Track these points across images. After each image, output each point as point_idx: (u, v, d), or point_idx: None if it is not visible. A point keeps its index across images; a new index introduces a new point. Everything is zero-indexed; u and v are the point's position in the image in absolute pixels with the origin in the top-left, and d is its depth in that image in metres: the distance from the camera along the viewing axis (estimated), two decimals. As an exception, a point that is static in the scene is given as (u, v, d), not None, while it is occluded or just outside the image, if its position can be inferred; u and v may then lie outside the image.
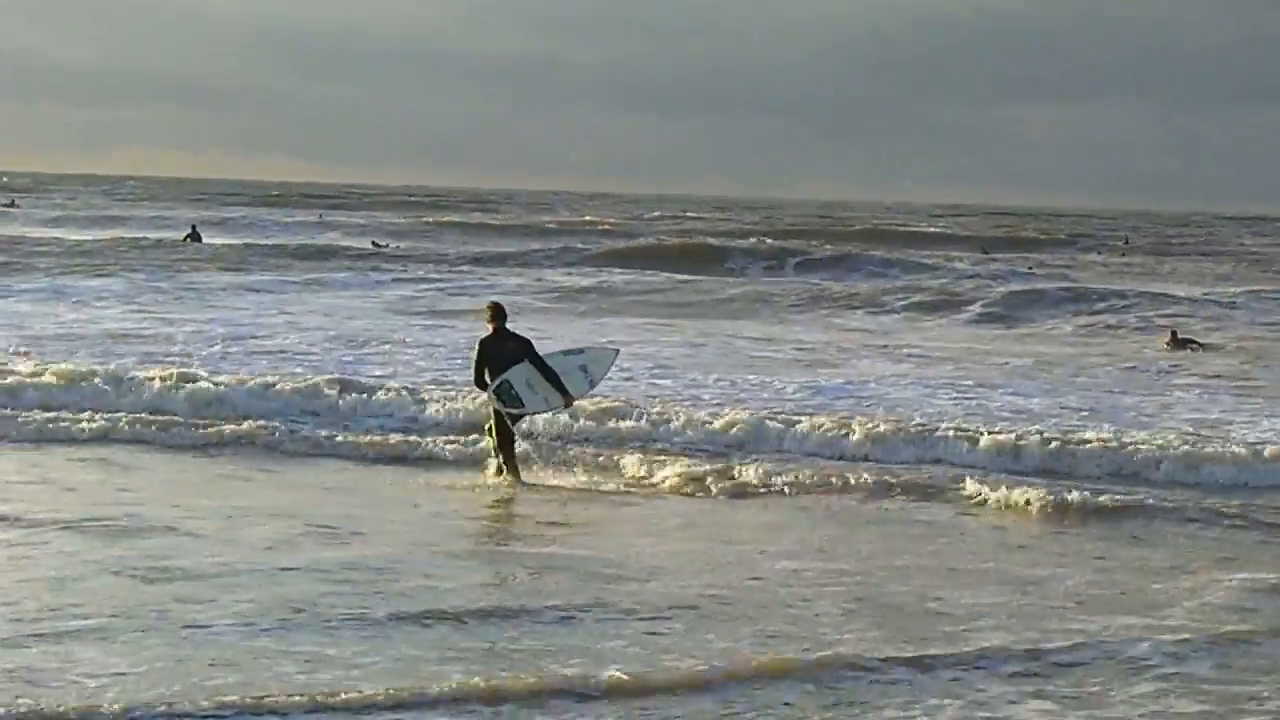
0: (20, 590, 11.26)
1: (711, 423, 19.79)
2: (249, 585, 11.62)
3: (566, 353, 18.47)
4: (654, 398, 21.99)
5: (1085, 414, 21.94)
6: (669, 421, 19.81)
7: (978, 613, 11.55)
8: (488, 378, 17.05)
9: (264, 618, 10.64)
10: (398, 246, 61.07)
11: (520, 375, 17.07)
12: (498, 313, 17.43)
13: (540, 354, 17.35)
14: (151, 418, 19.48)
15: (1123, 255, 73.46)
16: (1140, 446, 18.57)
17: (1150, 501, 15.98)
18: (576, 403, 17.99)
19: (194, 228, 62.26)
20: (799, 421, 19.78)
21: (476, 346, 17.41)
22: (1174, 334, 34.44)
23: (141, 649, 9.90)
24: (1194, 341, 33.67)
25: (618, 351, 19.50)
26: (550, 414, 17.90)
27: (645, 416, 19.95)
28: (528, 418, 17.54)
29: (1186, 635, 11.04)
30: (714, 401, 21.95)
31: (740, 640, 10.63)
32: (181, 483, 16.55)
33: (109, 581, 11.64)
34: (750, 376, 24.98)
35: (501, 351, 17.16)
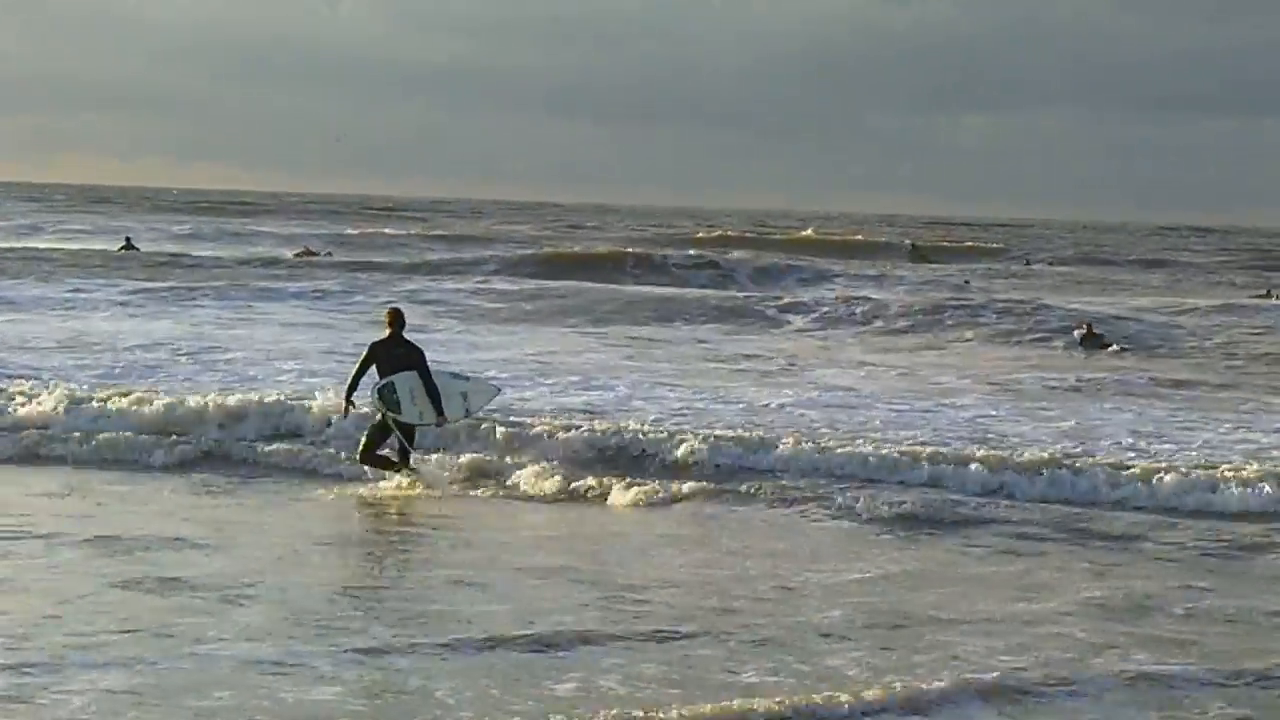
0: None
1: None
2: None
3: (454, 376, 18.90)
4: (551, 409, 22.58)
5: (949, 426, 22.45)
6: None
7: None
8: (376, 378, 17.51)
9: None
10: (329, 253, 61.68)
11: (406, 383, 17.53)
12: (397, 318, 17.89)
13: (430, 369, 17.77)
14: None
15: (1027, 264, 74.51)
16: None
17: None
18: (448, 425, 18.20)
19: (129, 238, 62.58)
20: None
21: (366, 347, 17.97)
22: (1089, 326, 35.83)
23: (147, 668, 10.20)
24: (1106, 340, 35.11)
25: (499, 390, 19.79)
26: (420, 427, 17.91)
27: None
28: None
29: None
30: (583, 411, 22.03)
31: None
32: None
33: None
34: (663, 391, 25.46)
35: (392, 356, 17.62)
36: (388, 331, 17.88)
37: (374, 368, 17.68)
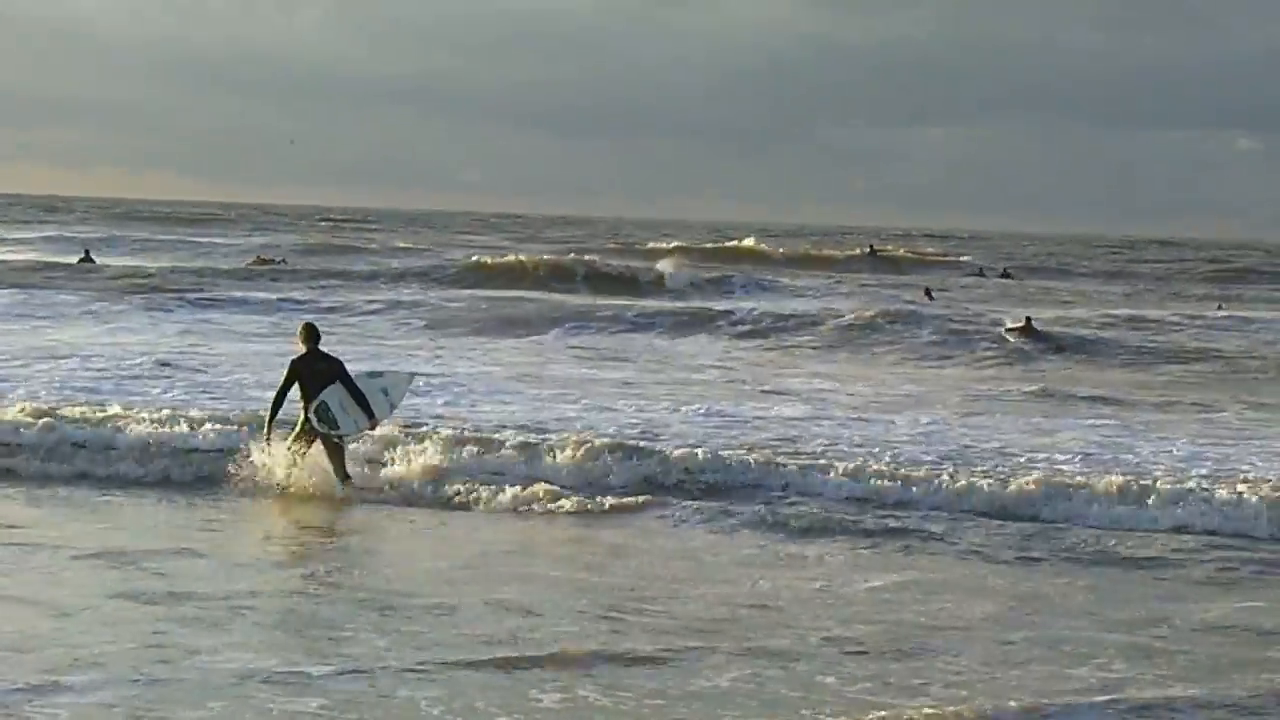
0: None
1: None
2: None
3: (370, 375, 18.87)
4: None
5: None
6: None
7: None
8: (301, 398, 17.64)
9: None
10: (283, 261, 61.82)
11: (335, 397, 17.70)
12: (310, 334, 18.11)
13: (350, 375, 17.96)
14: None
15: (980, 274, 75.07)
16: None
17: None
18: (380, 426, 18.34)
19: (87, 251, 62.40)
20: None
21: (287, 366, 18.01)
22: (1028, 320, 36.60)
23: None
24: (1044, 334, 35.91)
25: (413, 376, 20.15)
26: (359, 434, 18.09)
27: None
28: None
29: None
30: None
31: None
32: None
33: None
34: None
35: (314, 371, 17.78)
36: (304, 348, 18.02)
37: (296, 386, 17.79)
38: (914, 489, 18.04)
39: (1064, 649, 11.87)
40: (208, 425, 19.95)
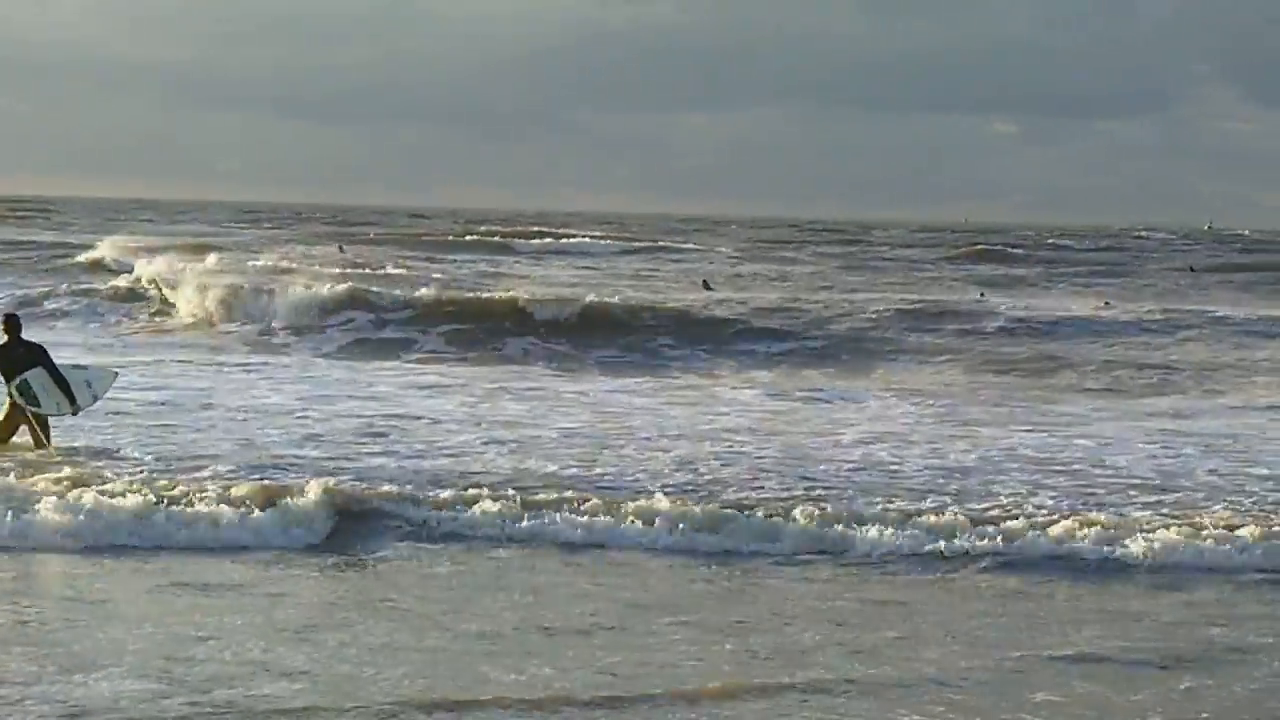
0: None
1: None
2: None
3: (75, 367, 20.54)
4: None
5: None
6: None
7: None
8: (4, 380, 19.05)
9: None
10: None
11: (38, 379, 19.04)
12: (11, 324, 19.52)
13: (54, 363, 19.31)
14: None
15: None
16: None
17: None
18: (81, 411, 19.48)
19: None
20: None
21: None
22: (705, 283, 37.83)
23: None
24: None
25: (117, 374, 21.02)
26: (59, 415, 19.25)
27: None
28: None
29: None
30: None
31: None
32: None
33: None
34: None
35: (14, 357, 19.15)
36: (5, 338, 19.31)
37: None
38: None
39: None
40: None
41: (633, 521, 15.45)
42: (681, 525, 15.37)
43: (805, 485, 17.51)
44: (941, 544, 14.90)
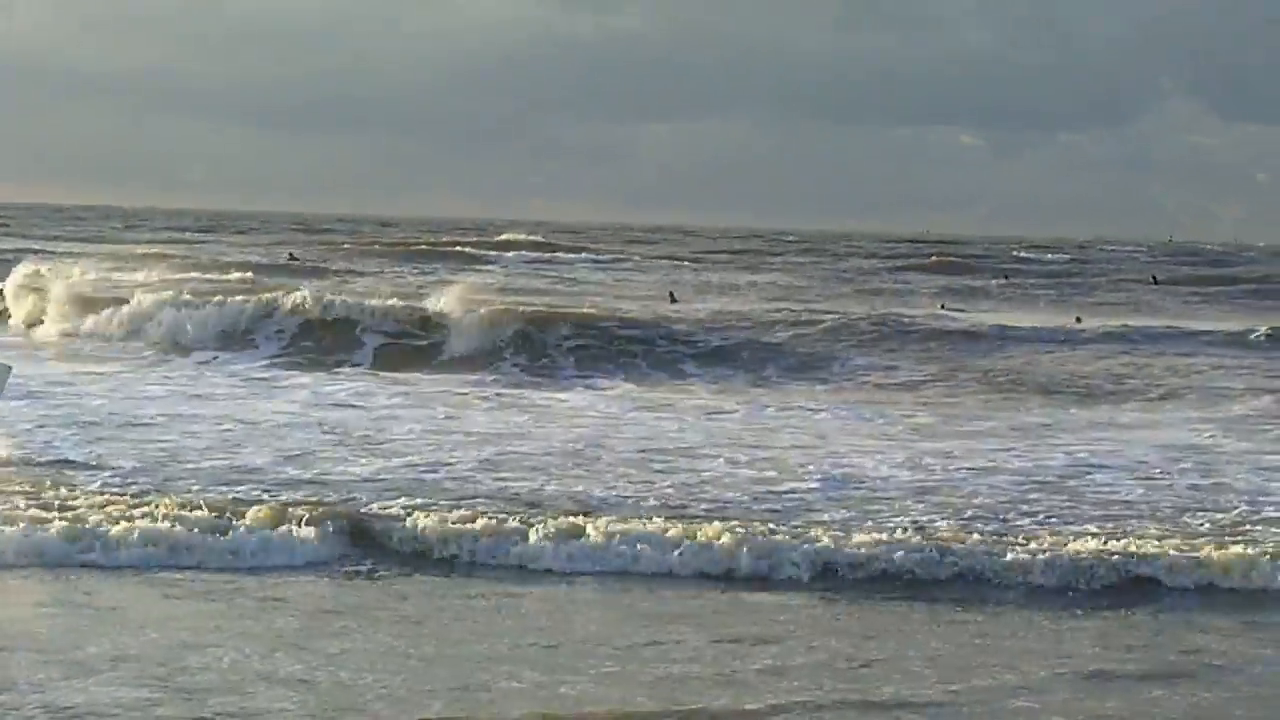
0: None
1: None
2: None
3: None
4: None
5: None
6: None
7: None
8: None
9: None
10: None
11: None
12: None
13: None
14: None
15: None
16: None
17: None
18: None
19: None
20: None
21: None
22: (671, 294, 37.59)
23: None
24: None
25: (10, 368, 20.29)
26: None
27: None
28: None
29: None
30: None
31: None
32: None
33: None
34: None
35: None
36: None
37: None
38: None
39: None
40: None
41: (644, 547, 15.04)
42: (686, 545, 15.05)
43: (769, 504, 17.49)
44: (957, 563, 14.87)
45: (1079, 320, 42.46)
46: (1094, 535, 15.71)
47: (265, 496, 16.41)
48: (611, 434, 22.54)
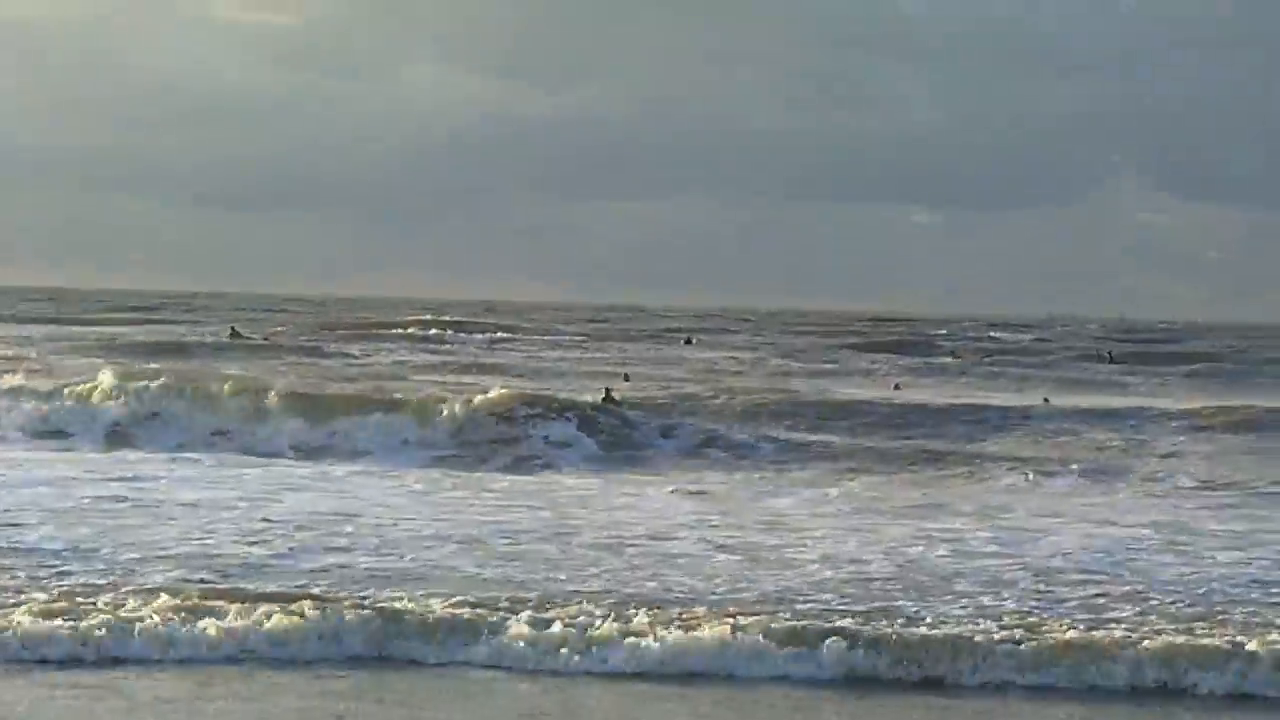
0: None
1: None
2: None
3: None
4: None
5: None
6: None
7: None
8: None
9: None
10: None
11: None
12: None
13: None
14: None
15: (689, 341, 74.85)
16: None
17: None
18: None
19: None
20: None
21: None
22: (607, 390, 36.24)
23: None
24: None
25: None
26: None
27: None
28: None
29: None
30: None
31: None
32: None
33: None
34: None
35: None
36: None
37: None
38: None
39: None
40: None
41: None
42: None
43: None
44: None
45: (1046, 400, 42.00)
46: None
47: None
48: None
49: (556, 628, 14.59)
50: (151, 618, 14.40)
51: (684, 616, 15.14)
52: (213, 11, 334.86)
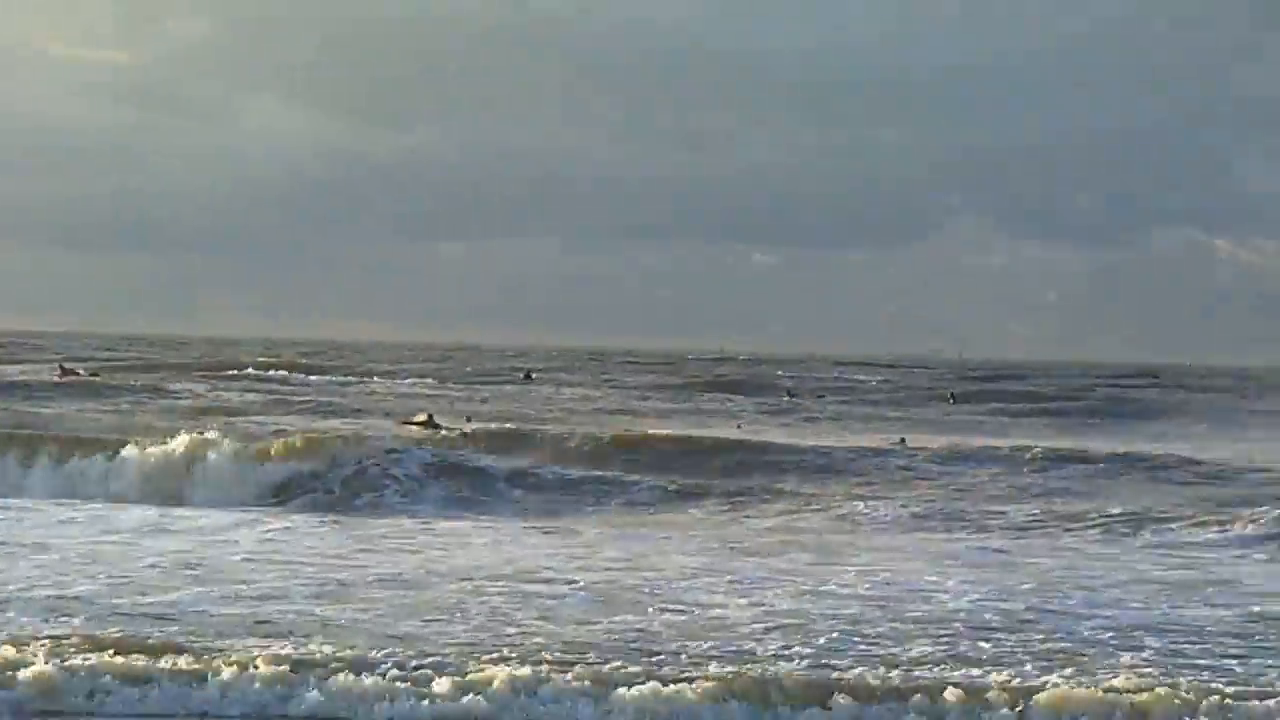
0: None
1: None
2: None
3: None
4: None
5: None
6: None
7: None
8: None
9: None
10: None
11: None
12: None
13: None
14: None
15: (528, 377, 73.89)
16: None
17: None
18: None
19: None
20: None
21: None
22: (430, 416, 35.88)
23: None
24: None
25: None
26: None
27: None
28: None
29: None
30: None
31: None
32: None
33: None
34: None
35: None
36: None
37: None
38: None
39: None
40: None
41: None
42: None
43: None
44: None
45: (903, 441, 41.60)
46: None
47: None
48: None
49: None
50: None
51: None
52: (51, 50, 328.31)
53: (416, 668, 14.09)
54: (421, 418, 38.04)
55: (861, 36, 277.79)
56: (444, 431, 37.31)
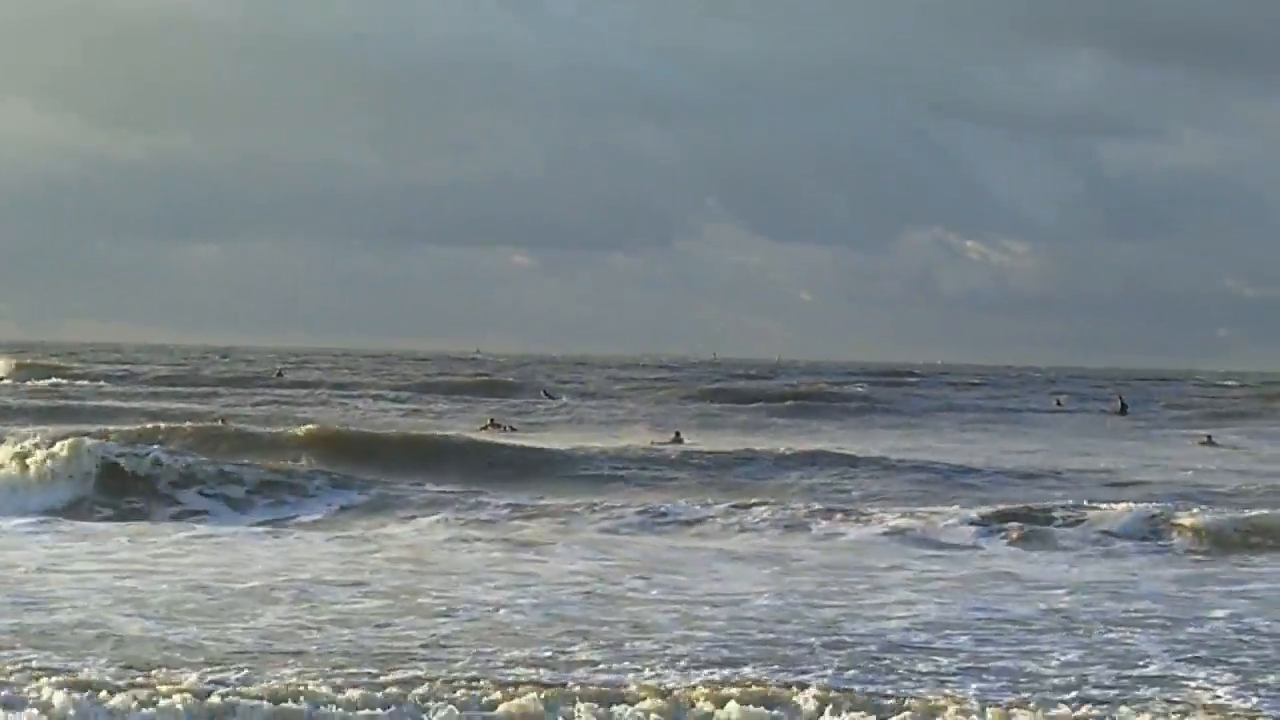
0: None
1: None
2: None
3: None
4: None
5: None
6: None
7: None
8: None
9: None
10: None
11: None
12: None
13: None
14: None
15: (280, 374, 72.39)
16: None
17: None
18: None
19: None
20: None
21: None
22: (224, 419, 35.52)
23: None
24: None
25: None
26: None
27: None
28: None
29: None
30: None
31: None
32: None
33: None
34: None
35: None
36: None
37: None
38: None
39: None
40: None
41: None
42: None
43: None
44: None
45: (678, 436, 41.87)
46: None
47: None
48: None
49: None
50: None
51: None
52: None
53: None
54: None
55: (623, 57, 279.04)
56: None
